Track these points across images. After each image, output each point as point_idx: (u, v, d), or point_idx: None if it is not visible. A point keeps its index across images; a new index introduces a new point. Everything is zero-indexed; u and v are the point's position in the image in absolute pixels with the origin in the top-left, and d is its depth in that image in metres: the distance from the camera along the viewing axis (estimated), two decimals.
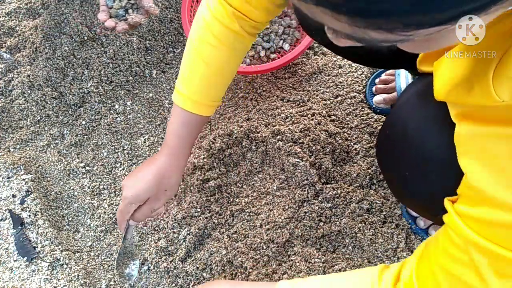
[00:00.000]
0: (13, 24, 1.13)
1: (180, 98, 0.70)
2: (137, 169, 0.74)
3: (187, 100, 0.70)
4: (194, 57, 0.70)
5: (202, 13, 0.69)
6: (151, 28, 1.12)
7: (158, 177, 0.71)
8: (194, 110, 0.70)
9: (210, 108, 0.72)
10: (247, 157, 0.99)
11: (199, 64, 0.69)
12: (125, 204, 0.72)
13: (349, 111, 1.03)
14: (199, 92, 0.69)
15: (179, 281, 0.88)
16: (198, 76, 0.69)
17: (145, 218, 0.76)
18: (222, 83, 0.72)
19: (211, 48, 0.68)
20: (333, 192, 0.91)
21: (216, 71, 0.69)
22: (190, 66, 0.70)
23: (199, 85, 0.69)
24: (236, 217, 0.93)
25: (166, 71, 1.13)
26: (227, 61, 0.70)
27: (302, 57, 1.12)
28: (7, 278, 0.89)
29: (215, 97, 0.72)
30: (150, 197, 0.72)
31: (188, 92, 0.69)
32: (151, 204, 0.74)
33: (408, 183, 0.62)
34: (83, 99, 1.08)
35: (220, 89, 0.72)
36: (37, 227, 0.93)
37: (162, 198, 0.74)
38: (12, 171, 0.99)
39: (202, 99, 0.70)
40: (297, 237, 0.88)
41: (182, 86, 0.70)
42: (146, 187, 0.71)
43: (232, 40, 0.68)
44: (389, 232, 0.88)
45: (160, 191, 0.72)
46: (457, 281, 0.45)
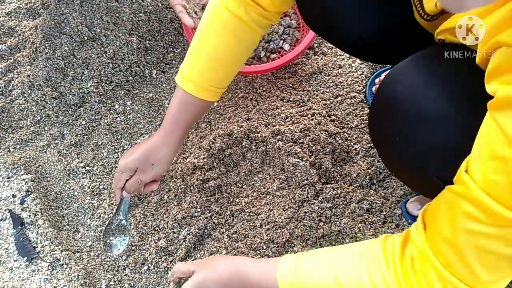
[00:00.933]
0: (13, 24, 1.13)
1: (183, 79, 0.72)
2: (136, 144, 0.81)
3: (189, 82, 0.71)
4: (200, 42, 0.71)
5: (213, 0, 0.70)
6: (151, 28, 1.12)
7: (147, 151, 0.76)
8: (194, 93, 0.71)
9: (211, 93, 0.73)
10: (247, 157, 0.99)
11: (204, 49, 0.70)
12: (117, 172, 0.79)
13: (349, 111, 1.03)
14: (201, 76, 0.71)
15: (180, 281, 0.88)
16: (202, 61, 0.70)
17: (135, 189, 0.81)
18: (226, 71, 0.73)
19: (217, 36, 0.69)
20: (333, 192, 0.91)
21: (221, 58, 0.70)
22: (195, 51, 0.71)
23: (202, 69, 0.70)
24: (236, 217, 0.93)
25: (166, 71, 1.13)
26: (232, 50, 0.71)
27: (302, 57, 1.12)
28: (7, 278, 0.89)
29: (217, 84, 0.73)
30: (138, 168, 0.77)
31: (190, 74, 0.71)
32: (138, 175, 0.78)
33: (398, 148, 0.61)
34: (83, 99, 1.08)
35: (223, 76, 0.73)
36: (37, 227, 0.93)
37: (149, 171, 0.78)
38: (12, 171, 1.00)
39: (204, 83, 0.71)
40: (297, 237, 0.88)
41: (186, 69, 0.72)
42: (134, 157, 0.76)
43: (237, 28, 0.69)
44: (389, 232, 0.88)
45: (147, 163, 0.77)
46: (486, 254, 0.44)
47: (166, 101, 1.10)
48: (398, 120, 0.59)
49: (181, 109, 0.73)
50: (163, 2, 1.14)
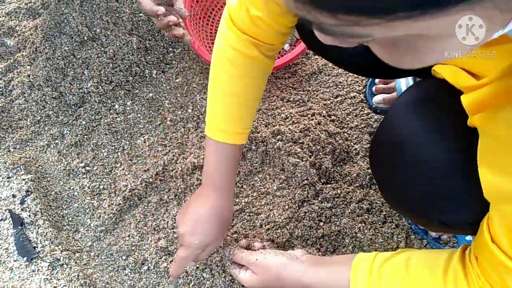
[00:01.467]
0: (13, 24, 1.13)
1: (211, 130, 0.69)
2: (193, 210, 0.71)
3: (217, 132, 0.68)
4: (214, 87, 0.69)
5: (217, 43, 0.68)
6: (151, 28, 1.12)
7: (220, 218, 0.70)
8: (225, 140, 0.68)
9: (241, 136, 0.70)
10: (247, 157, 0.99)
11: (219, 94, 0.68)
12: (189, 252, 0.69)
13: (349, 111, 1.03)
14: (225, 122, 0.68)
15: (179, 281, 0.88)
16: (221, 106, 0.68)
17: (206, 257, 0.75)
18: (246, 110, 0.70)
19: (228, 77, 0.67)
20: (333, 192, 0.91)
21: (237, 99, 0.68)
22: (212, 97, 0.69)
23: (224, 114, 0.68)
24: (236, 217, 0.93)
25: (166, 71, 1.13)
26: (246, 88, 0.68)
27: (302, 57, 1.12)
28: (7, 278, 0.89)
29: (243, 124, 0.70)
30: (215, 238, 0.71)
31: (216, 122, 0.68)
32: (214, 244, 0.72)
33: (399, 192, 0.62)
34: (83, 99, 1.08)
35: (245, 116, 0.70)
36: (37, 227, 0.93)
37: (222, 237, 0.74)
38: (12, 171, 1.00)
39: (230, 127, 0.68)
40: (297, 237, 0.88)
41: (210, 119, 0.69)
42: (210, 231, 0.69)
43: (248, 66, 0.66)
44: (389, 232, 0.88)
45: (222, 231, 0.72)
46: None
47: (166, 101, 1.10)
48: (398, 165, 0.60)
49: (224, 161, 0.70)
50: None
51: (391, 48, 0.30)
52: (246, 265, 0.71)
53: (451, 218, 0.55)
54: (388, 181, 0.64)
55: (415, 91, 0.63)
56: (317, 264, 0.66)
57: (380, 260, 0.58)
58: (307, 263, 0.67)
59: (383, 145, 0.64)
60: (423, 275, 0.54)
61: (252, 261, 0.70)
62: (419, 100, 0.60)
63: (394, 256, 0.58)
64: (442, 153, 0.53)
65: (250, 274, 0.70)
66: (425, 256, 0.56)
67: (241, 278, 0.71)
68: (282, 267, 0.67)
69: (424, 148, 0.55)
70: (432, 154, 0.54)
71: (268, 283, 0.68)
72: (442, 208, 0.56)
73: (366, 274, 0.58)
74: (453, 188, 0.53)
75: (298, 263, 0.67)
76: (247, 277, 0.70)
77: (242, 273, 0.71)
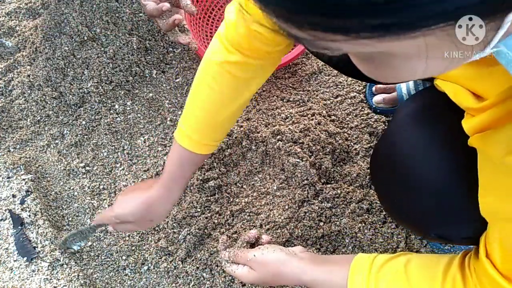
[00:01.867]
0: (13, 24, 1.13)
1: (179, 134, 0.69)
2: (135, 186, 0.76)
3: (185, 138, 0.68)
4: (193, 96, 0.69)
5: (206, 55, 0.67)
6: (151, 28, 1.12)
7: (146, 206, 0.72)
8: (190, 148, 0.69)
9: (208, 147, 0.70)
10: (247, 157, 0.99)
11: (196, 105, 0.68)
12: (110, 215, 0.75)
13: (349, 111, 1.03)
14: (197, 131, 0.68)
15: (179, 281, 0.88)
16: (195, 116, 0.68)
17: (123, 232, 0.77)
18: (219, 126, 0.70)
19: (209, 90, 0.66)
20: (333, 192, 0.91)
21: (213, 116, 0.68)
22: (189, 104, 0.69)
23: (196, 124, 0.68)
24: (236, 217, 0.93)
25: (166, 71, 1.13)
26: (224, 107, 0.68)
27: (302, 57, 1.12)
28: (7, 278, 0.89)
29: (212, 138, 0.70)
30: (134, 220, 0.73)
31: (186, 129, 0.68)
32: (134, 226, 0.75)
33: (398, 206, 0.62)
34: (83, 99, 1.08)
35: (217, 131, 0.71)
36: (37, 227, 0.93)
37: (144, 225, 0.76)
38: (12, 171, 0.99)
39: (198, 137, 0.69)
40: (297, 237, 0.88)
41: (182, 123, 0.69)
42: (133, 212, 0.72)
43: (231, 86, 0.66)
44: (389, 232, 0.88)
45: (144, 219, 0.73)
46: None
47: (166, 101, 1.10)
48: (397, 179, 0.60)
49: (179, 165, 0.71)
50: None
51: (368, 61, 0.31)
52: (245, 263, 0.71)
53: (448, 232, 0.56)
54: (387, 194, 0.65)
55: (415, 104, 0.62)
56: (316, 262, 0.66)
57: (379, 262, 0.58)
58: (306, 260, 0.67)
59: (383, 158, 0.64)
60: (422, 280, 0.54)
61: (250, 257, 0.70)
62: (420, 115, 0.60)
63: (393, 258, 0.58)
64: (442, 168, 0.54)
65: (248, 269, 0.70)
66: (424, 260, 0.56)
67: (238, 274, 0.71)
68: (280, 263, 0.67)
69: (423, 164, 0.56)
70: (432, 170, 0.55)
71: (266, 279, 0.68)
72: (440, 222, 0.57)
73: (365, 275, 0.57)
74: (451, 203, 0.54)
75: (297, 259, 0.67)
76: (245, 273, 0.70)
77: (240, 269, 0.71)
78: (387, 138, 0.63)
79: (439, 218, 0.56)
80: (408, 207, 0.60)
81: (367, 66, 0.32)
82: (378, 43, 0.25)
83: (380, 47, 0.26)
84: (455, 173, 0.53)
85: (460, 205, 0.53)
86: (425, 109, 0.60)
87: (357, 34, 0.24)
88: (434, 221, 0.57)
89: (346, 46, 0.26)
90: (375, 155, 0.67)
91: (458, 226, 0.55)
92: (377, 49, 0.27)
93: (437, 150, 0.55)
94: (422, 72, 0.29)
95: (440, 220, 0.56)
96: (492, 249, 0.47)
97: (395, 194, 0.61)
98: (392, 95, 0.99)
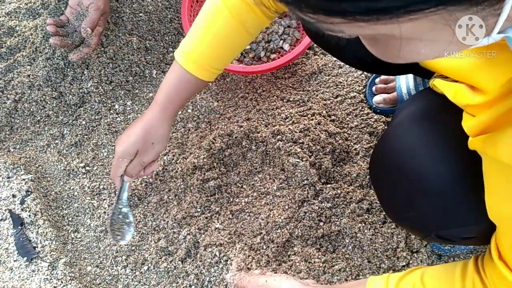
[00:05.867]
0: (13, 24, 1.13)
1: (182, 56, 0.70)
2: (128, 127, 0.77)
3: (189, 60, 0.70)
4: (206, 22, 0.69)
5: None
6: (151, 28, 1.12)
7: (144, 130, 0.73)
8: (192, 71, 0.70)
9: (209, 73, 0.72)
10: (247, 157, 0.99)
11: (209, 30, 0.69)
12: (116, 159, 0.76)
13: (349, 111, 1.03)
14: (202, 56, 0.69)
15: (179, 281, 0.88)
16: (205, 42, 0.69)
17: (137, 172, 0.79)
18: (228, 54, 0.72)
19: (223, 18, 0.67)
20: (333, 192, 0.91)
21: (225, 41, 0.69)
22: (199, 30, 0.70)
23: (204, 49, 0.69)
24: (236, 217, 0.93)
25: (166, 71, 1.13)
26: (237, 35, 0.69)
27: (302, 57, 1.12)
28: (7, 278, 0.89)
29: (217, 65, 0.72)
30: (138, 150, 0.75)
31: (191, 52, 0.69)
32: (140, 157, 0.76)
33: (398, 207, 0.62)
34: (83, 99, 1.08)
35: (224, 59, 0.72)
36: (37, 227, 0.93)
37: (150, 151, 0.76)
38: (12, 171, 0.99)
39: (204, 62, 0.70)
40: (297, 237, 0.88)
41: (187, 46, 0.70)
42: (133, 140, 0.73)
43: (244, 13, 0.67)
44: (389, 232, 0.88)
45: (147, 143, 0.75)
46: None
47: None
48: (397, 181, 0.60)
49: (177, 86, 0.72)
50: (163, 2, 1.14)
51: (373, 41, 0.32)
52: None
53: (449, 233, 0.56)
54: (386, 195, 0.64)
55: (415, 105, 0.62)
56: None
57: (394, 281, 0.58)
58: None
59: (382, 159, 0.64)
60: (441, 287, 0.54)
61: (261, 283, 0.69)
62: (420, 116, 0.59)
63: (407, 274, 0.58)
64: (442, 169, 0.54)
65: None
66: (439, 269, 0.56)
67: None
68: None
69: (423, 165, 0.55)
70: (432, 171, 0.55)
71: None
72: (440, 223, 0.56)
73: None
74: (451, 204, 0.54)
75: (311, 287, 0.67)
76: None
77: None
78: (387, 139, 0.63)
79: (440, 219, 0.56)
80: (408, 208, 0.59)
81: (373, 46, 0.33)
82: (375, 25, 0.26)
83: (378, 29, 0.27)
84: (455, 173, 0.53)
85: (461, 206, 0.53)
86: (425, 110, 0.60)
87: (353, 17, 0.25)
88: (435, 222, 0.57)
89: (347, 28, 0.27)
90: (375, 156, 0.67)
91: (458, 226, 0.55)
92: (377, 31, 0.27)
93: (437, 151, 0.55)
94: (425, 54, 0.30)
95: (441, 221, 0.56)
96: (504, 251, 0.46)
97: (394, 195, 0.61)
98: (392, 95, 0.99)
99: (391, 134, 0.63)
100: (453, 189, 0.53)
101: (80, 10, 0.98)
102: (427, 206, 0.56)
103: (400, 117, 0.62)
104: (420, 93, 0.67)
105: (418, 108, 0.61)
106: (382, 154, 0.64)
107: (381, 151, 0.64)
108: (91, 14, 0.95)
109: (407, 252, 0.86)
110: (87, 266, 0.93)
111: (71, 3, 0.99)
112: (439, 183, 0.54)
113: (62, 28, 0.99)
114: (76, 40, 1.00)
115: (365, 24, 0.26)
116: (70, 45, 0.99)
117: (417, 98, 0.65)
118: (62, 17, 1.00)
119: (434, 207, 0.56)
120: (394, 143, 0.61)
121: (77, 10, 0.99)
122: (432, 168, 0.54)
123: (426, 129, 0.57)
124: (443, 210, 0.55)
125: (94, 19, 0.95)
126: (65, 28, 1.00)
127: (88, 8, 0.96)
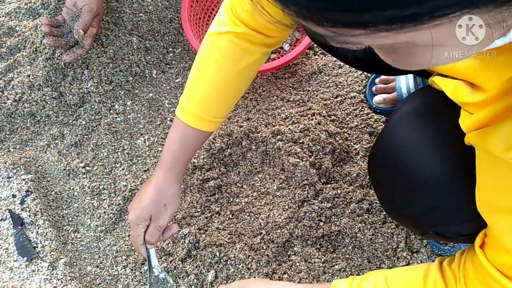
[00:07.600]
0: (13, 24, 1.13)
1: (182, 112, 0.69)
2: (138, 192, 0.75)
3: (189, 115, 0.68)
4: (198, 72, 0.68)
5: (211, 28, 0.67)
6: (151, 28, 1.12)
7: (154, 194, 0.71)
8: (194, 124, 0.68)
9: (212, 124, 0.70)
10: (247, 157, 0.99)
11: (202, 79, 0.67)
12: (132, 228, 0.72)
13: (349, 111, 1.03)
14: (201, 107, 0.68)
15: (179, 281, 0.88)
16: (201, 91, 0.67)
17: (157, 238, 0.74)
18: (226, 100, 0.70)
19: (216, 65, 0.66)
20: (333, 192, 0.91)
21: (220, 89, 0.67)
22: (194, 81, 0.68)
23: (201, 100, 0.68)
24: (236, 217, 0.93)
25: (166, 71, 1.13)
26: (231, 80, 0.67)
27: (302, 57, 1.12)
28: (7, 278, 0.89)
29: (217, 113, 0.69)
30: (152, 215, 0.71)
31: (189, 106, 0.68)
32: (155, 222, 0.73)
33: (396, 204, 0.62)
34: (83, 99, 1.08)
35: (223, 106, 0.70)
36: (37, 227, 0.93)
37: (163, 213, 0.73)
38: (12, 171, 0.99)
39: (204, 114, 0.68)
40: (297, 237, 0.88)
41: (185, 101, 0.69)
42: (145, 205, 0.71)
43: (238, 58, 0.65)
44: (389, 232, 0.88)
45: (159, 206, 0.72)
46: None
47: (166, 101, 1.10)
48: (395, 178, 0.60)
49: (181, 143, 0.70)
50: (163, 2, 1.14)
51: (390, 51, 0.31)
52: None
53: (447, 230, 0.57)
54: (385, 192, 0.65)
55: (413, 103, 0.62)
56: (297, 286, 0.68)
57: (357, 281, 0.59)
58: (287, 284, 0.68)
59: (381, 157, 0.64)
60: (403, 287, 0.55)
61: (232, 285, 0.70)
62: (418, 113, 0.60)
63: (371, 275, 0.59)
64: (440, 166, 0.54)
65: None
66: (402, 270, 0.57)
67: None
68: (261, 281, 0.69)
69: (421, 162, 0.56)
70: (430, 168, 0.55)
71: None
72: (438, 220, 0.57)
73: None
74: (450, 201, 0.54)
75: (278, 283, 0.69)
76: None
77: None
78: (385, 137, 0.63)
79: (438, 216, 0.56)
80: (406, 205, 0.60)
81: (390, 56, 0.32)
82: (397, 35, 0.25)
83: (400, 38, 0.26)
84: (453, 170, 0.53)
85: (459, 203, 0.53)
86: (422, 108, 0.60)
87: (375, 27, 0.24)
88: (433, 219, 0.57)
89: (367, 40, 0.27)
90: (373, 152, 0.67)
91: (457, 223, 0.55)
92: (397, 40, 0.27)
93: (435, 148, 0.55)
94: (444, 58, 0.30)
95: (439, 218, 0.56)
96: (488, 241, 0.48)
97: (393, 192, 0.61)
98: (392, 95, 0.99)
99: (389, 130, 0.63)
100: (450, 185, 0.53)
101: (75, 11, 0.98)
102: (425, 202, 0.57)
103: (398, 114, 0.62)
104: (419, 90, 0.67)
105: (417, 105, 0.61)
106: (380, 151, 0.64)
107: (380, 147, 0.65)
108: (84, 15, 0.94)
109: (407, 252, 0.86)
110: (87, 266, 0.93)
111: (67, 4, 0.99)
112: (436, 179, 0.54)
113: (58, 28, 0.99)
114: (71, 41, 0.99)
115: (387, 33, 0.25)
116: (65, 46, 0.99)
117: (416, 95, 0.65)
118: (59, 17, 1.00)
119: (431, 203, 0.56)
120: (392, 139, 0.61)
121: (72, 10, 0.99)
122: (431, 164, 0.55)
123: (424, 125, 0.58)
124: (440, 206, 0.55)
125: (87, 21, 0.94)
126: (61, 28, 1.00)
127: (82, 9, 0.96)
